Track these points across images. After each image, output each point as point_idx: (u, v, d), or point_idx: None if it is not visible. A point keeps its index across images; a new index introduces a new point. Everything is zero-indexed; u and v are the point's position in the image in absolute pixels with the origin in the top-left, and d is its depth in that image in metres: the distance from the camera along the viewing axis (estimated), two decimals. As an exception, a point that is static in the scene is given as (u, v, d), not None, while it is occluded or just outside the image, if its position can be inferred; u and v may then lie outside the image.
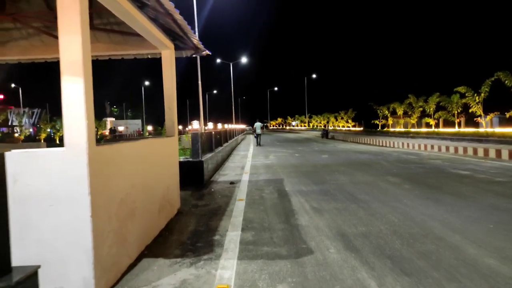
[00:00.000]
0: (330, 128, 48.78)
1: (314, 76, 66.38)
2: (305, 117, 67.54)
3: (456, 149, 16.03)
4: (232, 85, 50.14)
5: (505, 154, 12.83)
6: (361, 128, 40.93)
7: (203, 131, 17.45)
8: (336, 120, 54.71)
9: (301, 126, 76.02)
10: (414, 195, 7.26)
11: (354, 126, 49.12)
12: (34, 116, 74.97)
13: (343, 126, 51.63)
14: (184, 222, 5.72)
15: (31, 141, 39.94)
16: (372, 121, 37.52)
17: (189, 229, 5.33)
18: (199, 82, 22.08)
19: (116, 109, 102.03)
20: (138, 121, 70.26)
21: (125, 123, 65.47)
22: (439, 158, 14.09)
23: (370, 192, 7.71)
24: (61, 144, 3.27)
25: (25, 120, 67.66)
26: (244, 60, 47.56)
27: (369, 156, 16.03)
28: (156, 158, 5.12)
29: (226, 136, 19.53)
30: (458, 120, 24.01)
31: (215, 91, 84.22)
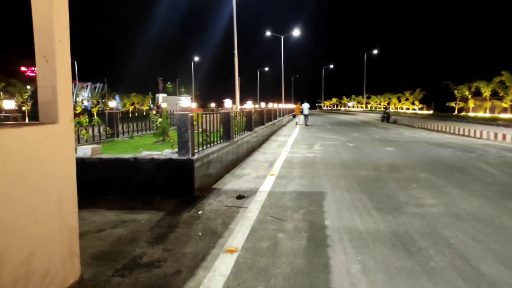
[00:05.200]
0: (392, 110, 42.91)
1: (375, 51, 59.53)
2: (363, 98, 61.21)
3: None
4: (282, 61, 45.96)
5: None
6: (431, 112, 34.86)
7: (238, 110, 13.99)
8: (400, 101, 48.22)
9: (357, 107, 69.69)
10: None
11: (421, 108, 42.63)
12: (96, 90, 76.70)
13: (407, 109, 45.23)
14: None
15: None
16: (447, 104, 31.41)
17: None
18: (235, 51, 18.51)
19: (170, 86, 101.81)
20: (188, 97, 68.81)
21: (175, 99, 64.28)
22: None
23: (508, 255, 3.67)
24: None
25: (87, 93, 68.99)
26: (296, 33, 42.91)
27: (455, 152, 11.48)
28: None
29: (263, 117, 15.87)
30: None
31: (266, 68, 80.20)
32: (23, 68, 66.09)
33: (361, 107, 63.23)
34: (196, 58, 70.40)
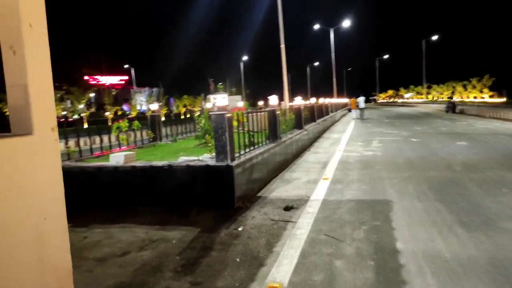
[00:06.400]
0: (457, 99, 39.35)
1: (435, 37, 55.14)
2: (422, 88, 57.10)
3: None
4: (332, 54, 44.13)
5: None
6: (503, 99, 31.28)
7: (286, 107, 13.18)
8: (465, 90, 44.10)
9: (416, 98, 65.30)
10: None
11: (491, 96, 38.57)
12: (153, 95, 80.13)
13: (475, 97, 41.23)
14: None
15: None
16: (524, 89, 27.88)
17: None
18: (282, 45, 17.63)
19: (221, 86, 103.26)
20: (238, 97, 69.07)
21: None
22: None
23: None
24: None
25: (143, 98, 72.11)
26: (346, 23, 40.86)
27: (546, 145, 9.65)
28: None
29: (314, 113, 14.84)
30: None
31: (316, 63, 78.04)
32: (86, 77, 70.85)
33: (421, 98, 59.14)
34: (245, 57, 70.48)
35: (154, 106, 9.20)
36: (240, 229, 4.29)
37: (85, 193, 5.64)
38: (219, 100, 5.11)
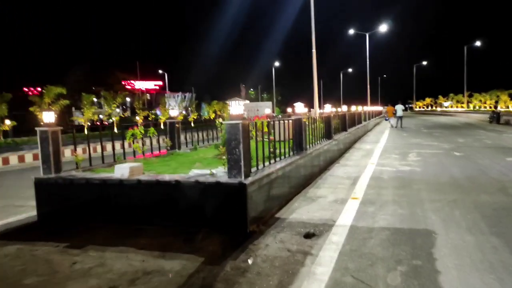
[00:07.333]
0: (501, 109, 36.76)
1: (477, 44, 52.16)
2: (463, 96, 54.02)
3: None
4: (367, 60, 42.67)
5: None
6: (556, 110, 28.70)
7: (316, 115, 12.42)
8: (511, 99, 41.19)
9: (457, 107, 62.01)
10: None
11: (542, 106, 35.73)
12: (186, 100, 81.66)
13: (522, 107, 38.37)
14: None
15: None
16: None
17: None
18: (313, 50, 16.91)
19: (252, 92, 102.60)
20: (268, 103, 68.41)
21: (256, 106, 64.18)
22: None
23: None
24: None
25: (175, 103, 73.25)
26: (383, 28, 39.34)
27: None
28: None
29: (345, 122, 13.94)
30: None
31: (350, 70, 76.18)
32: (122, 82, 73.14)
33: (461, 107, 56.08)
34: (277, 63, 69.84)
35: (174, 113, 8.76)
36: (249, 261, 3.62)
37: (89, 206, 5.18)
38: (234, 108, 4.49)
